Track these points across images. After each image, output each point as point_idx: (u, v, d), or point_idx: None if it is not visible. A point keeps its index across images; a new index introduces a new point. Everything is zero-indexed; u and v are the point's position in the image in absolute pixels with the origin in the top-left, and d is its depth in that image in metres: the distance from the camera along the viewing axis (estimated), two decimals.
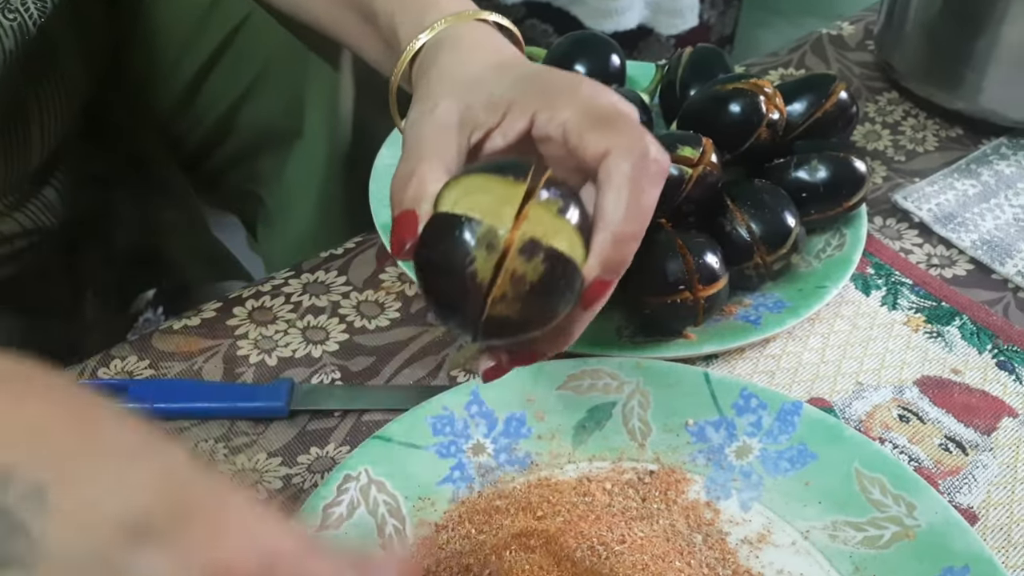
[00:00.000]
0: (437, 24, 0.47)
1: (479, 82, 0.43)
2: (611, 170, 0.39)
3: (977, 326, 0.58)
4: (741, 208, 0.57)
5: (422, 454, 0.48)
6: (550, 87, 0.42)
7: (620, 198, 0.38)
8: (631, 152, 0.38)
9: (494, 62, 0.45)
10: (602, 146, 0.39)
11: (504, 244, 0.35)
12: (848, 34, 0.86)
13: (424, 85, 0.45)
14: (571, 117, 0.40)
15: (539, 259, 0.35)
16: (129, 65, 0.73)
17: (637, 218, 0.38)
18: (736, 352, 0.56)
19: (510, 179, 0.36)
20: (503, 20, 0.50)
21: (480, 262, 0.35)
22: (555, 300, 0.37)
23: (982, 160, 0.72)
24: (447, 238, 0.36)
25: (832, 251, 0.60)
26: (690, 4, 1.49)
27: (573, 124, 0.40)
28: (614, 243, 0.38)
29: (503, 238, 0.35)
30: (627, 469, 0.49)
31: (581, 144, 0.40)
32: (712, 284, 0.53)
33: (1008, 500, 0.49)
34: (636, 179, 0.38)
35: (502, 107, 0.42)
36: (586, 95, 0.41)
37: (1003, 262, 0.62)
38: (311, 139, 0.73)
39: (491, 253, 0.35)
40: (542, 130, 0.41)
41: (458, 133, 0.42)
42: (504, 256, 0.35)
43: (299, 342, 0.57)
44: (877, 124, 0.76)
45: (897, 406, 0.54)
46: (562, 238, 0.36)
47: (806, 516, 0.47)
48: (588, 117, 0.40)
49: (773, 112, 0.59)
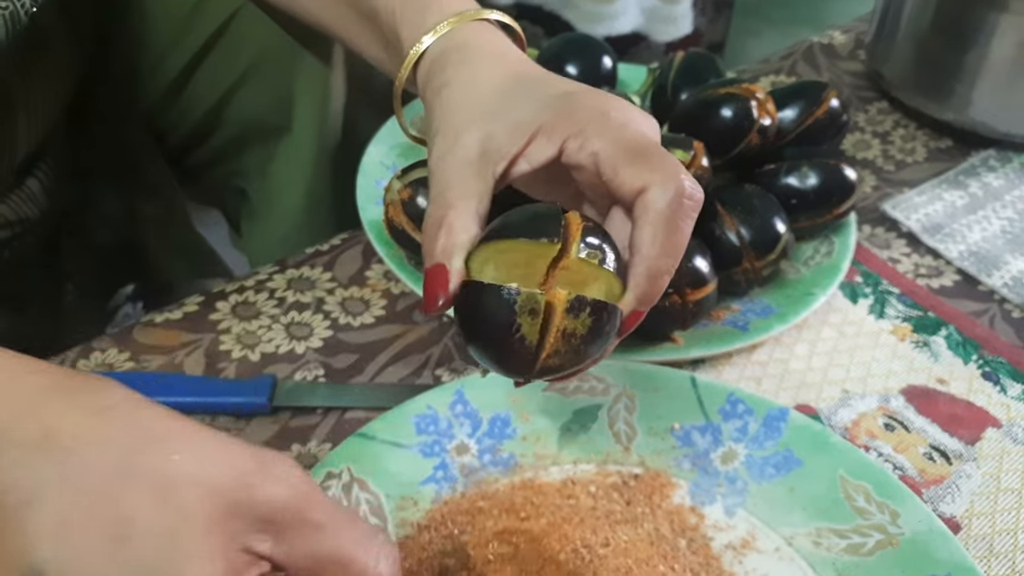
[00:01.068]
0: (440, 26, 0.47)
1: (499, 105, 0.43)
2: (648, 207, 0.38)
3: (963, 336, 0.58)
4: (731, 213, 0.57)
5: (405, 453, 0.48)
6: (577, 112, 0.41)
7: (657, 235, 0.38)
8: (667, 189, 0.38)
9: (509, 76, 0.44)
10: (639, 182, 0.39)
11: (545, 305, 0.36)
12: (839, 43, 0.87)
13: (440, 112, 0.44)
14: (603, 148, 0.40)
15: (585, 313, 0.36)
16: (117, 57, 0.72)
17: (672, 253, 0.39)
18: (723, 357, 0.56)
19: (543, 242, 0.37)
20: (505, 18, 0.49)
21: (526, 328, 0.36)
22: (603, 343, 0.38)
23: (970, 172, 0.72)
24: (489, 309, 0.37)
25: (821, 258, 0.60)
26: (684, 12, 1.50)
27: (606, 156, 0.40)
28: (649, 278, 0.38)
29: (543, 302, 0.36)
30: (612, 472, 0.49)
31: (616, 178, 0.39)
32: (701, 288, 0.53)
33: (991, 510, 0.49)
34: (672, 216, 0.38)
35: (527, 132, 0.41)
36: (616, 123, 0.41)
37: (990, 273, 0.63)
38: (299, 135, 0.72)
39: (535, 319, 0.36)
40: (572, 158, 0.41)
41: (483, 167, 0.41)
42: (548, 314, 0.36)
43: (283, 338, 0.56)
44: (867, 133, 0.76)
45: (883, 414, 0.54)
46: (602, 284, 0.37)
47: (790, 522, 0.47)
48: (621, 149, 0.40)
49: (764, 117, 0.59)
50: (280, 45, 0.69)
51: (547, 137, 0.41)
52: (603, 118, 0.41)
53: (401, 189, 0.56)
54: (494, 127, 0.42)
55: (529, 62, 0.47)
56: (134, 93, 0.73)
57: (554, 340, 0.36)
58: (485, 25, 0.48)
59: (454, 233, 0.39)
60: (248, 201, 0.78)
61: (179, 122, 0.75)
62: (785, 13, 2.09)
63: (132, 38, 0.71)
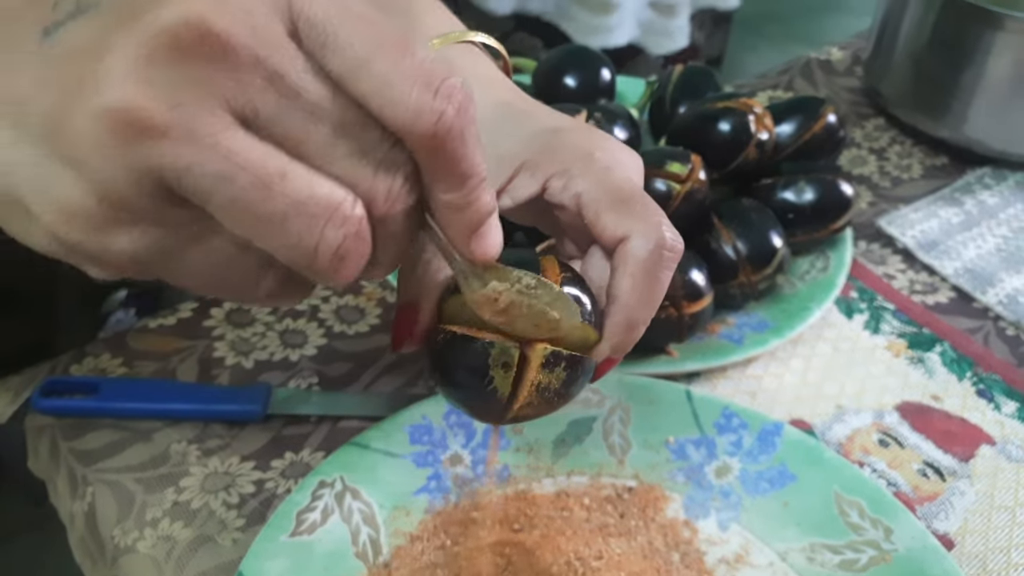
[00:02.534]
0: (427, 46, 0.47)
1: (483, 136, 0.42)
2: (628, 257, 0.38)
3: (958, 353, 0.58)
4: (728, 226, 0.57)
5: (399, 463, 0.48)
6: (562, 151, 0.41)
7: (636, 285, 0.38)
8: (648, 240, 0.38)
9: (495, 105, 0.44)
10: (620, 230, 0.39)
11: (520, 358, 0.35)
12: (837, 59, 0.87)
13: None
14: (587, 190, 0.40)
15: (560, 368, 0.36)
16: None
17: (650, 304, 0.39)
18: (718, 371, 0.56)
19: None
20: (490, 40, 0.49)
21: (499, 381, 0.35)
22: (575, 392, 0.38)
23: (966, 189, 0.72)
24: (462, 359, 0.36)
25: (816, 273, 0.60)
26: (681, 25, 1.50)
27: (589, 199, 0.40)
28: (627, 328, 0.38)
29: (515, 356, 0.35)
30: (606, 485, 0.49)
31: (598, 223, 0.39)
32: (697, 301, 0.53)
33: (984, 528, 0.49)
34: (652, 267, 0.38)
35: (511, 167, 0.41)
36: (601, 166, 0.40)
37: (984, 291, 0.63)
38: None
39: (507, 372, 0.35)
40: (555, 198, 0.41)
41: None
42: (522, 367, 0.36)
43: (277, 345, 0.56)
44: (864, 149, 0.76)
45: (877, 430, 0.53)
46: (576, 335, 0.37)
47: (784, 537, 0.47)
48: (604, 194, 0.39)
49: (762, 132, 0.59)
50: None
51: (530, 173, 0.41)
52: (588, 159, 0.41)
53: None
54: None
55: (516, 90, 0.47)
56: None
57: (527, 394, 0.36)
58: (471, 48, 0.48)
59: (429, 272, 0.38)
60: None
61: None
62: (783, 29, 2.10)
63: None
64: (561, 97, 0.67)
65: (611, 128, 0.60)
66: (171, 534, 0.46)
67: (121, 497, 0.48)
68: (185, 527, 0.46)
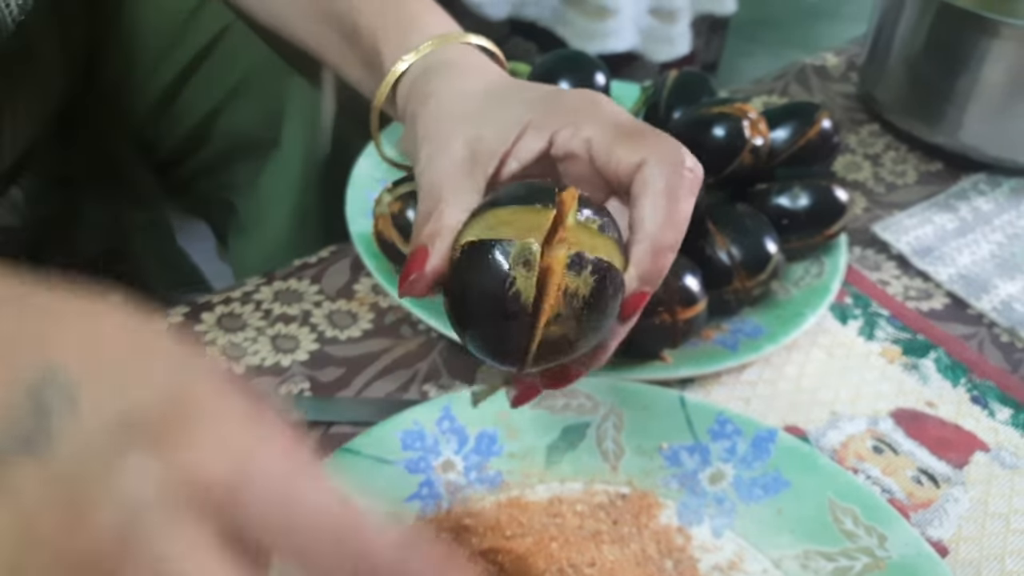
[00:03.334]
0: (423, 46, 0.47)
1: (486, 107, 0.42)
2: (647, 180, 0.37)
3: (952, 360, 0.58)
4: (722, 232, 0.57)
5: (390, 469, 0.47)
6: (567, 105, 0.41)
7: (658, 208, 0.37)
8: (667, 161, 0.37)
9: (491, 84, 0.44)
10: (636, 157, 0.38)
11: (541, 261, 0.33)
12: (832, 65, 0.87)
13: (426, 120, 0.43)
14: (596, 132, 0.39)
15: (588, 271, 0.34)
16: (105, 68, 0.71)
17: (675, 228, 0.37)
18: (712, 377, 0.55)
19: (537, 207, 0.35)
20: (486, 43, 0.49)
21: (521, 282, 0.33)
22: (608, 312, 0.35)
23: (960, 195, 0.72)
24: (478, 264, 0.34)
25: (811, 279, 0.60)
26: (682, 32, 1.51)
27: (600, 139, 0.39)
28: (653, 254, 0.37)
29: (537, 253, 0.33)
30: (599, 491, 0.48)
31: (612, 159, 0.38)
32: (691, 307, 0.53)
33: (979, 535, 0.49)
34: (673, 188, 0.37)
35: (515, 130, 0.41)
36: (609, 111, 0.40)
37: (979, 297, 0.63)
38: (288, 150, 0.72)
39: (529, 271, 0.33)
40: (564, 147, 0.40)
41: (473, 168, 0.40)
42: (544, 275, 0.34)
43: (268, 350, 0.56)
44: (858, 155, 0.76)
45: (871, 437, 0.53)
46: (603, 252, 0.35)
47: (778, 544, 0.46)
48: (616, 132, 0.39)
49: (757, 137, 0.59)
50: (270, 61, 0.69)
51: (536, 132, 0.40)
52: (594, 106, 0.40)
53: (391, 202, 0.56)
54: (482, 129, 0.41)
55: (511, 78, 0.47)
56: (122, 104, 0.73)
57: (555, 300, 0.33)
58: (467, 48, 0.48)
59: (442, 218, 0.38)
60: (236, 214, 0.77)
61: (167, 135, 0.75)
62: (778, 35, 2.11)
63: (121, 49, 0.71)
64: None
65: None
66: None
67: None
68: None
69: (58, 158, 0.72)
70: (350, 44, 0.52)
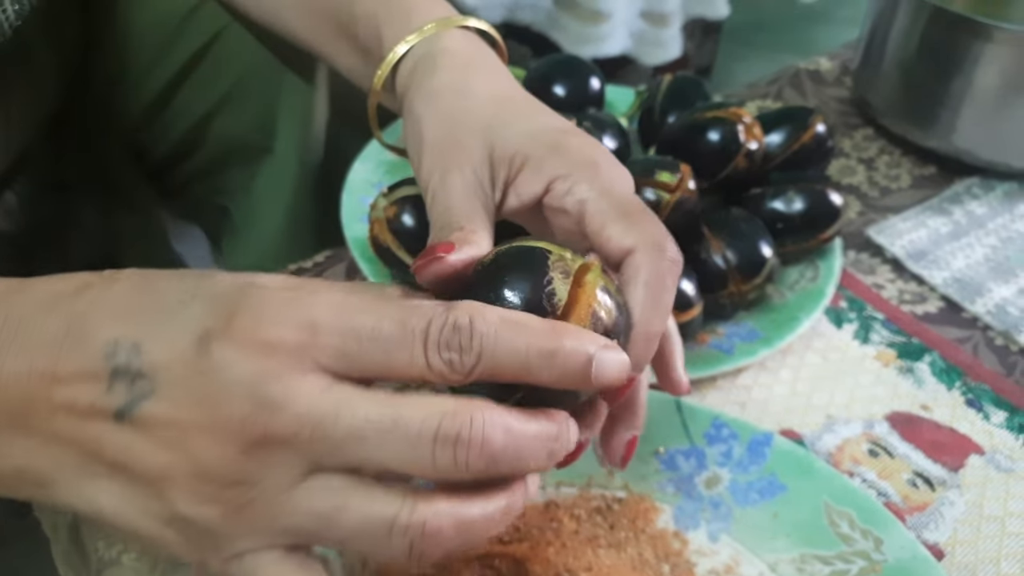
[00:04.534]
0: (426, 27, 0.46)
1: (492, 124, 0.42)
2: (638, 268, 0.38)
3: (947, 363, 0.58)
4: (717, 236, 0.57)
5: None
6: (568, 157, 0.41)
7: (647, 297, 0.38)
8: (655, 251, 0.38)
9: (497, 92, 0.44)
10: (627, 241, 0.38)
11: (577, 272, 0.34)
12: (826, 69, 0.87)
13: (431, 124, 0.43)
14: (592, 199, 0.39)
15: (610, 299, 0.35)
16: (99, 71, 0.71)
17: (661, 316, 0.38)
18: (708, 381, 0.55)
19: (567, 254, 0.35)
20: (487, 27, 0.49)
21: (558, 283, 0.34)
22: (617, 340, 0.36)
23: (954, 199, 0.72)
24: (517, 261, 0.34)
25: (806, 283, 0.60)
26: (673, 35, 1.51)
27: (594, 208, 0.39)
28: (644, 341, 0.38)
29: (574, 266, 0.34)
30: (595, 496, 0.48)
31: (603, 233, 0.39)
32: (686, 311, 0.53)
33: (974, 538, 0.49)
34: (661, 278, 0.38)
35: (514, 158, 0.41)
36: (607, 176, 0.40)
37: (973, 300, 0.63)
38: (282, 154, 0.72)
39: (566, 279, 0.34)
40: (557, 201, 0.40)
41: (486, 201, 0.41)
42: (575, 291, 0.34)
43: None
44: (852, 159, 0.76)
45: (867, 440, 0.53)
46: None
47: (774, 548, 0.46)
48: (610, 204, 0.39)
49: (751, 141, 0.59)
50: (263, 65, 0.68)
51: (535, 171, 0.41)
52: (593, 167, 0.40)
53: (387, 206, 0.55)
54: (489, 150, 0.41)
55: (515, 84, 0.46)
56: (116, 108, 0.73)
57: (584, 315, 0.34)
58: (469, 34, 0.47)
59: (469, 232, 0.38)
60: (230, 219, 0.77)
61: (160, 139, 0.75)
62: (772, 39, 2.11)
63: (115, 52, 0.71)
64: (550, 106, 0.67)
65: (600, 137, 0.60)
66: None
67: None
68: None
69: (52, 163, 0.71)
70: (345, 36, 0.52)
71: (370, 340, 0.31)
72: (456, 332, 0.31)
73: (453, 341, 0.31)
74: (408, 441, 0.30)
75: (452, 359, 0.31)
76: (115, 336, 0.31)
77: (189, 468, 0.30)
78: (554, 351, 0.31)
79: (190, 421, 0.30)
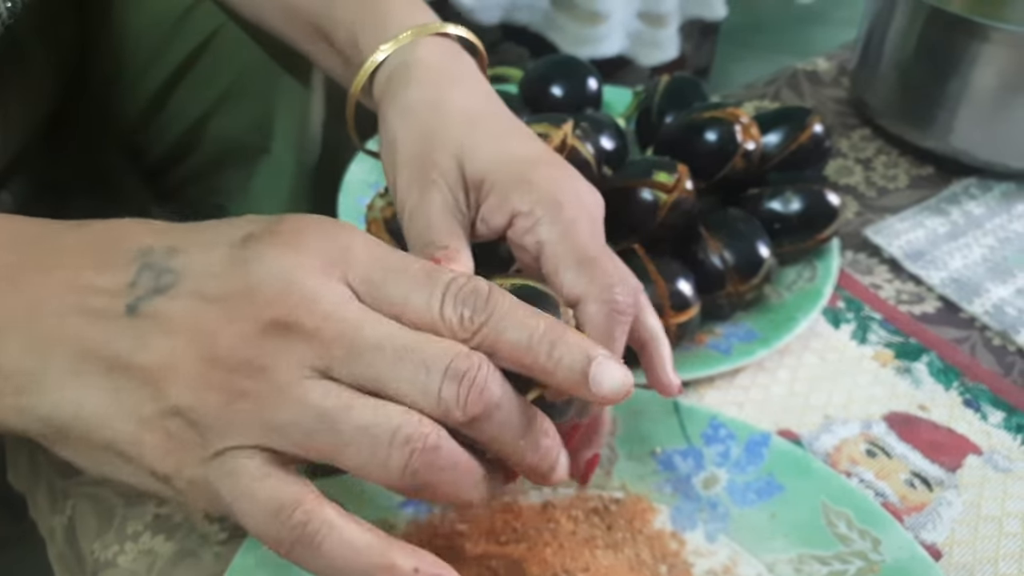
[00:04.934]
0: (402, 36, 0.46)
1: (464, 144, 0.43)
2: (586, 321, 0.40)
3: (944, 363, 0.58)
4: (715, 236, 0.57)
5: None
6: (532, 189, 0.42)
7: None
8: (603, 305, 0.40)
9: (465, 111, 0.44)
10: (577, 290, 0.40)
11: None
12: (823, 70, 0.87)
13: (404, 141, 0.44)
14: (550, 241, 0.41)
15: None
16: (95, 71, 0.71)
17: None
18: (705, 381, 0.55)
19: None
20: (466, 33, 0.49)
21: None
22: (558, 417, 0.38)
23: (952, 199, 0.72)
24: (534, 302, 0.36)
25: (803, 283, 0.60)
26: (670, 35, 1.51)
27: (552, 252, 0.41)
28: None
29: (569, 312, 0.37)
30: (593, 496, 0.48)
31: (555, 279, 0.41)
32: (684, 311, 0.53)
33: (972, 538, 0.49)
34: (610, 329, 0.40)
35: (484, 186, 0.42)
36: (568, 219, 0.41)
37: (971, 301, 0.63)
38: (279, 154, 0.72)
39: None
40: (518, 238, 0.42)
41: (461, 220, 0.42)
42: None
43: None
44: (850, 159, 0.76)
45: (864, 441, 0.53)
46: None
47: (772, 549, 0.46)
48: (567, 250, 0.40)
49: (749, 142, 0.59)
50: (260, 65, 0.68)
51: (500, 201, 0.42)
52: (556, 208, 0.41)
53: (384, 207, 0.55)
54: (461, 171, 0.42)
55: (491, 96, 0.46)
56: (112, 108, 0.73)
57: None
58: (447, 42, 0.47)
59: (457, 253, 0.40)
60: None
61: (157, 140, 0.75)
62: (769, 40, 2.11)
63: (111, 51, 0.70)
64: (548, 107, 0.67)
65: (598, 138, 0.60)
66: (152, 548, 0.45)
67: (102, 511, 0.47)
68: (167, 541, 0.46)
69: (48, 163, 0.71)
70: (325, 43, 0.52)
71: (396, 273, 0.32)
72: (474, 294, 0.32)
73: (469, 300, 0.32)
74: (423, 365, 0.31)
75: (464, 314, 0.32)
76: (151, 243, 0.33)
77: (198, 351, 0.31)
78: (557, 340, 0.32)
79: (213, 298, 0.31)
